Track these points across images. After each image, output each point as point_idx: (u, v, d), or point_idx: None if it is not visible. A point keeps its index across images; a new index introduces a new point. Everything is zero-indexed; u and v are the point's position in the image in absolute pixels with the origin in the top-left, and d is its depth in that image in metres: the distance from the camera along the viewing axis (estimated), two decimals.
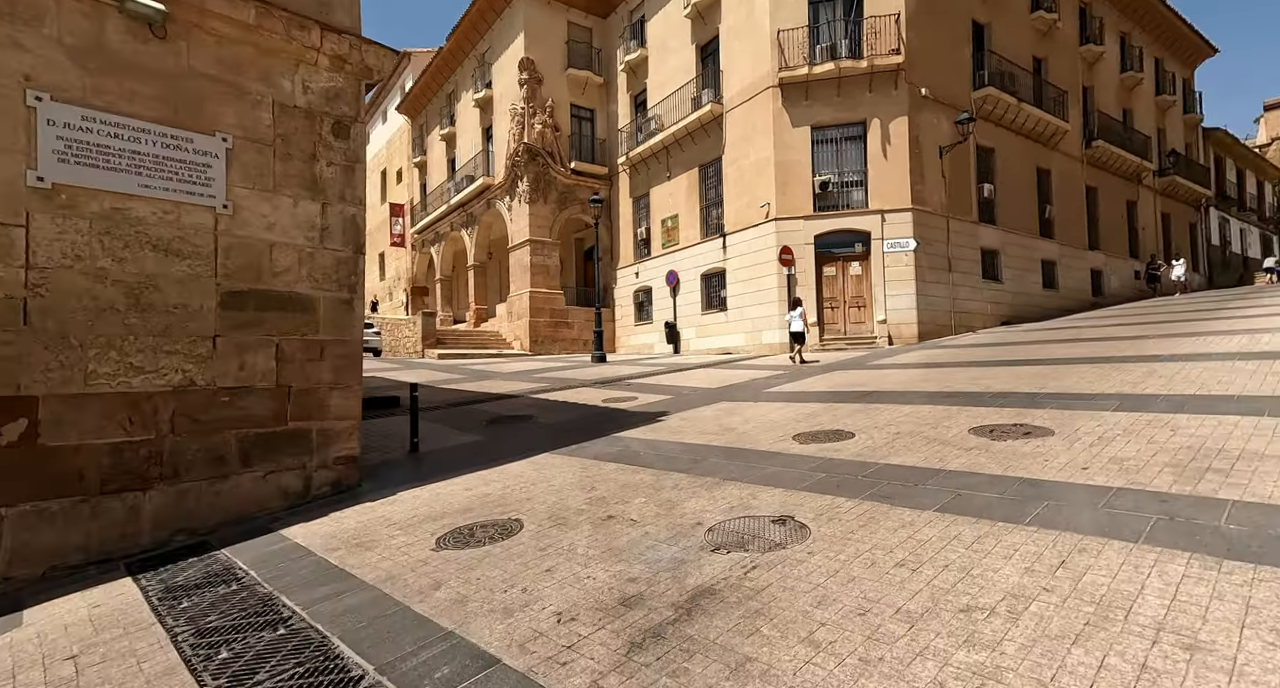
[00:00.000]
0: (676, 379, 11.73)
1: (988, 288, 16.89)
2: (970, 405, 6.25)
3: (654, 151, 20.22)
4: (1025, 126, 18.17)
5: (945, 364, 9.92)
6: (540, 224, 21.32)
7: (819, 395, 8.14)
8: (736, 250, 17.25)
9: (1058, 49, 19.95)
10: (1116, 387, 6.28)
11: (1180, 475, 3.57)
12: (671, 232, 20.01)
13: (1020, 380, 7.36)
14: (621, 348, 22.54)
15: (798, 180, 15.90)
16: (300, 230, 5.07)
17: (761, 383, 10.13)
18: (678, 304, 19.60)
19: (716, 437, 6.25)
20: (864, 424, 6.01)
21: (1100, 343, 10.10)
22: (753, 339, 16.75)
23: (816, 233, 15.78)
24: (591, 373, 13.59)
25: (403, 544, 3.93)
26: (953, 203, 16.20)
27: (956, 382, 7.88)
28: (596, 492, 4.69)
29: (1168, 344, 8.85)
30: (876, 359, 12.05)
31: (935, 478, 4.08)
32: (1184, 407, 5.11)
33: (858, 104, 15.48)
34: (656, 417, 7.81)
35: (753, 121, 16.59)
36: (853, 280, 15.88)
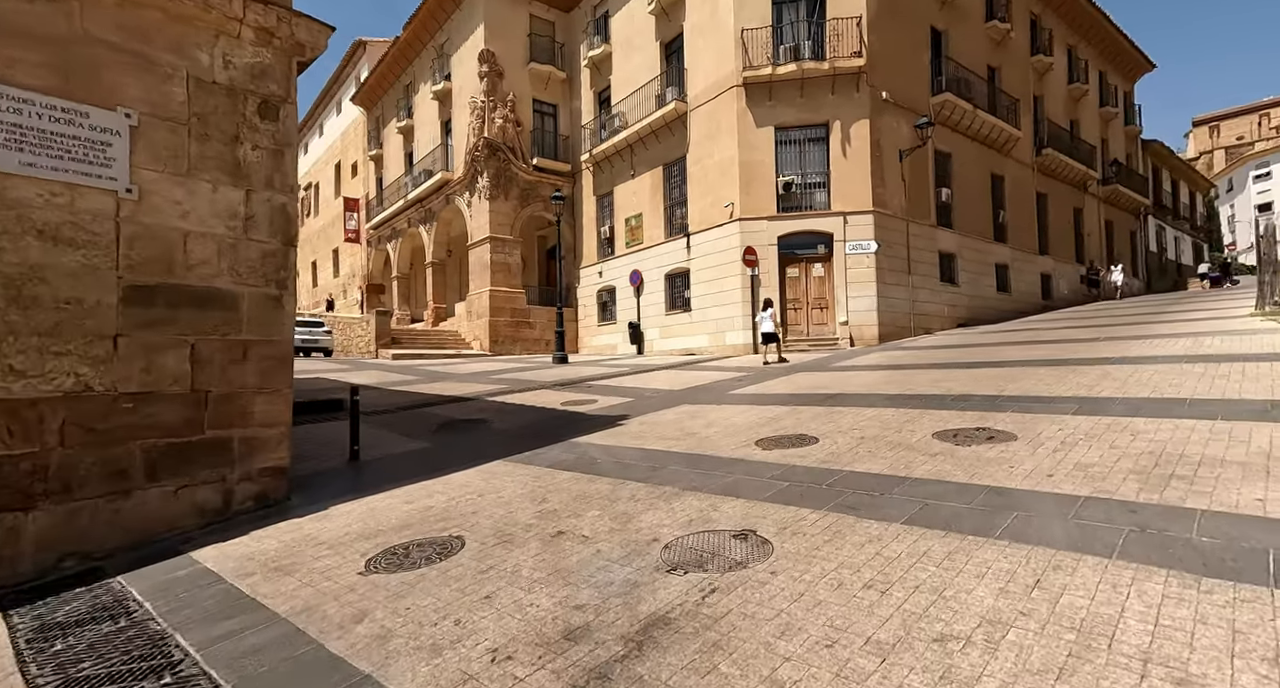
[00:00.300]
0: (639, 381, 11.48)
1: (945, 291, 17.21)
2: (932, 409, 6.18)
3: (618, 149, 19.93)
4: (980, 133, 18.62)
5: (906, 366, 9.95)
6: (501, 221, 20.77)
7: (782, 398, 8.00)
8: (700, 250, 17.12)
9: (1011, 58, 20.54)
10: (1074, 389, 6.31)
11: (1146, 483, 3.49)
12: (635, 231, 19.76)
13: (980, 383, 7.37)
14: (584, 348, 22.18)
15: (761, 181, 15.86)
16: (220, 219, 4.59)
17: (725, 385, 9.97)
18: (641, 304, 19.36)
19: (677, 442, 6.01)
20: (827, 428, 5.86)
21: (1054, 345, 10.31)
22: (716, 340, 16.64)
23: (780, 234, 15.77)
24: (552, 374, 13.22)
25: (328, 567, 3.54)
26: (912, 206, 16.44)
27: (918, 384, 7.86)
28: (548, 504, 4.38)
29: (1118, 347, 9.06)
30: (839, 361, 12.05)
31: (901, 487, 3.92)
32: (1140, 410, 5.11)
33: (820, 105, 15.54)
34: (616, 421, 7.53)
35: (717, 121, 16.48)
36: (815, 282, 15.94)
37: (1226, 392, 5.43)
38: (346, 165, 33.71)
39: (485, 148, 20.18)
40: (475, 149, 20.48)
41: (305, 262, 39.63)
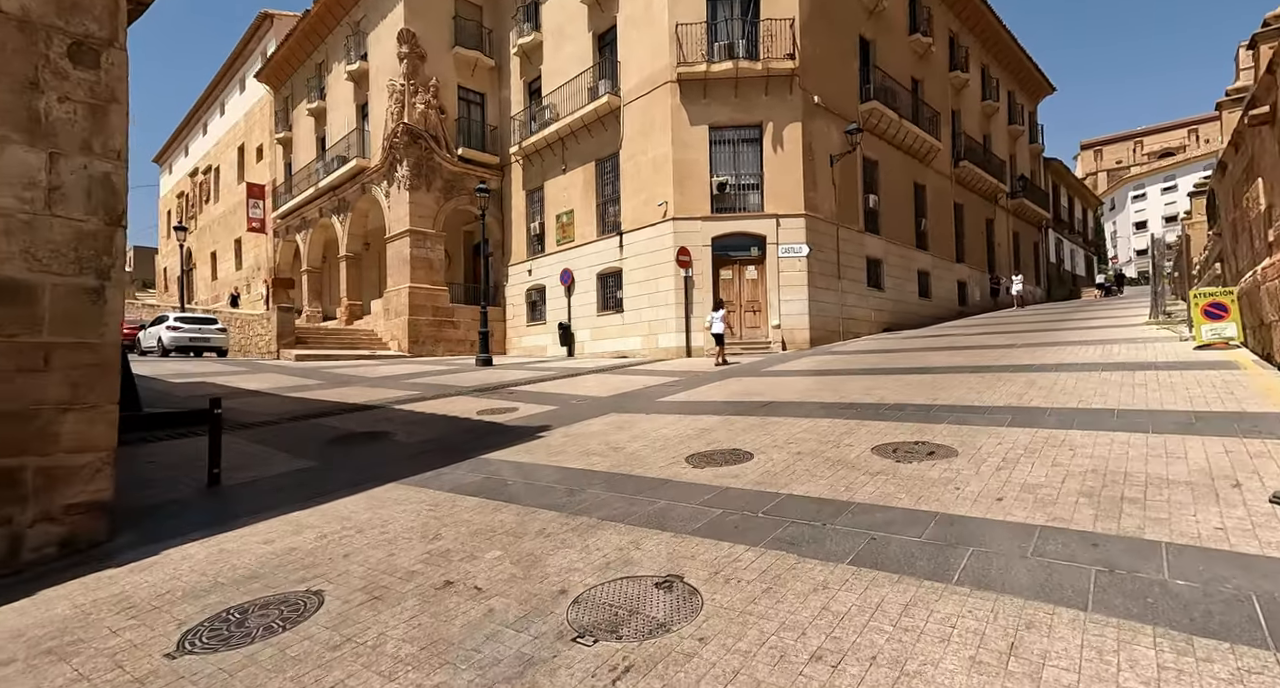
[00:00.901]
0: (566, 386, 10.81)
1: (872, 295, 17.56)
2: (869, 419, 5.91)
3: (549, 142, 19.12)
4: (905, 143, 19.19)
5: (839, 372, 9.82)
6: (422, 213, 19.45)
7: (715, 406, 7.58)
8: (633, 250, 16.62)
9: (932, 72, 21.35)
10: (1004, 399, 6.22)
11: (1099, 508, 3.23)
12: (567, 228, 19.02)
13: (913, 390, 7.23)
14: (513, 350, 21.20)
15: (696, 180, 15.55)
16: (9, 188, 3.57)
17: (656, 391, 9.48)
18: (572, 305, 18.65)
19: (601, 458, 5.42)
20: (763, 442, 5.44)
21: (976, 352, 10.49)
22: (649, 343, 16.19)
23: (714, 234, 15.52)
24: (473, 378, 12.29)
25: (125, 646, 2.69)
26: (842, 211, 16.64)
27: (852, 391, 7.65)
28: (441, 541, 3.68)
29: (1036, 353, 9.27)
30: (772, 365, 11.86)
31: (845, 514, 3.50)
32: (1073, 422, 5.00)
33: (754, 106, 15.41)
34: (536, 433, 6.84)
35: (651, 117, 16.04)
36: (748, 284, 15.80)
37: (1149, 402, 5.43)
38: (251, 148, 30.89)
39: (405, 134, 18.81)
40: (394, 135, 19.06)
41: (204, 252, 36.12)
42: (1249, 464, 3.66)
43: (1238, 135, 7.77)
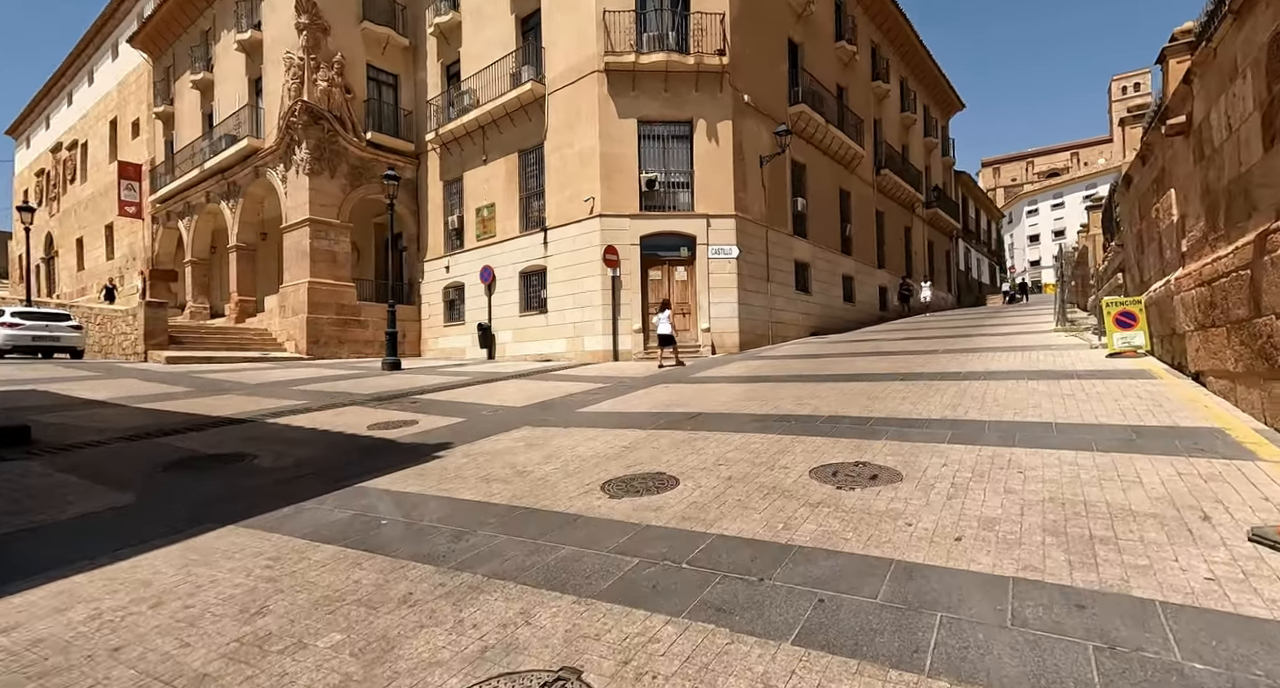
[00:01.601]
0: (480, 393, 9.82)
1: (800, 299, 17.57)
2: (804, 434, 5.42)
3: (468, 130, 17.88)
4: (831, 148, 19.41)
5: (770, 378, 9.42)
6: (325, 202, 17.67)
7: (640, 418, 6.91)
8: (559, 247, 15.75)
9: (856, 80, 21.81)
10: (940, 410, 5.92)
11: (1071, 552, 2.78)
12: (488, 222, 17.85)
13: (846, 400, 6.86)
14: (429, 352, 19.75)
15: (624, 176, 14.90)
16: None
17: (578, 399, 8.71)
18: (493, 304, 17.51)
19: (504, 486, 4.60)
20: (690, 463, 4.81)
21: (903, 357, 10.42)
22: (575, 346, 15.37)
23: (643, 233, 14.92)
24: (375, 385, 11.03)
25: None
26: (771, 213, 16.51)
27: (784, 401, 7.20)
28: (265, 620, 2.75)
29: (961, 360, 9.24)
30: (701, 371, 11.37)
31: (786, 564, 2.89)
32: (1015, 439, 4.68)
33: (684, 102, 14.94)
34: (433, 452, 5.91)
35: (577, 107, 15.23)
36: (678, 285, 15.32)
37: (1084, 414, 5.25)
38: (125, 123, 27.35)
39: (304, 113, 16.99)
40: (292, 114, 17.18)
41: (68, 239, 31.76)
42: (1207, 491, 3.37)
43: (1146, 148, 7.97)
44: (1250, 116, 4.71)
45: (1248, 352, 4.67)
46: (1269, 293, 4.24)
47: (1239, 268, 4.74)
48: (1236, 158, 5.02)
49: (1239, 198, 5.02)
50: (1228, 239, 5.27)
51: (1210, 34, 5.34)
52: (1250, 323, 4.59)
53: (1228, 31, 5.03)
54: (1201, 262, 5.76)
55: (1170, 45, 7.47)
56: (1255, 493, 3.28)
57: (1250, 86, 4.68)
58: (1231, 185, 5.16)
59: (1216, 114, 5.43)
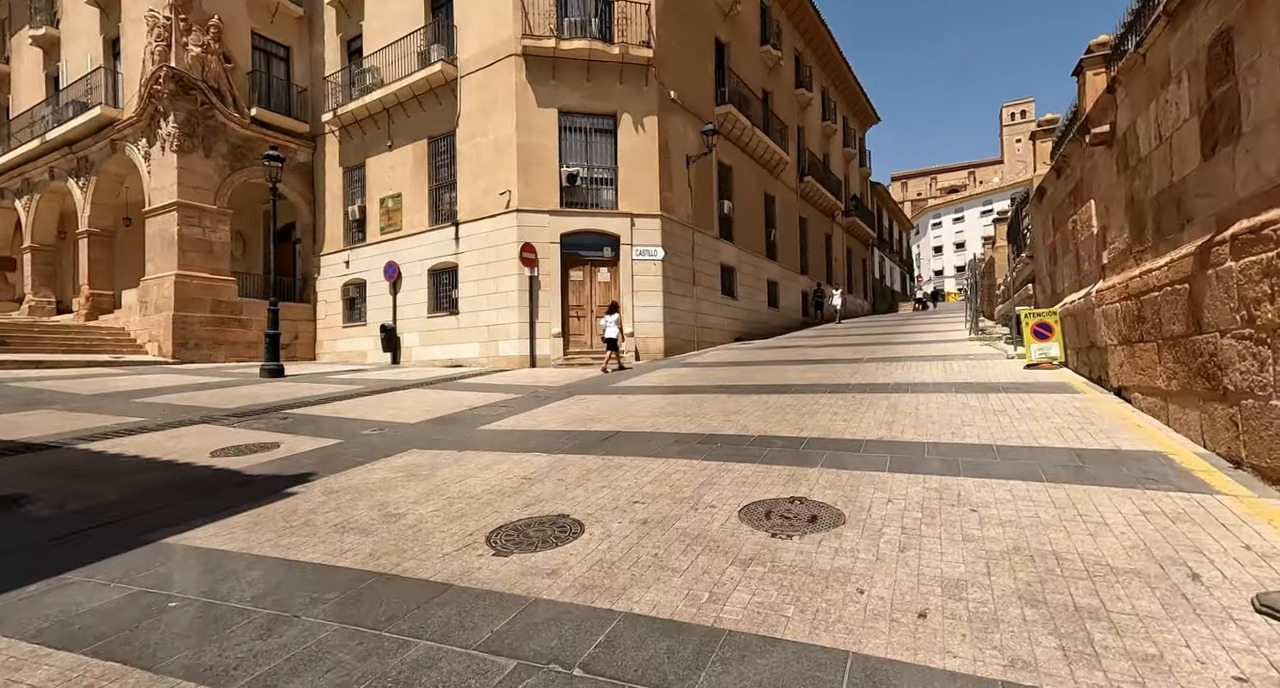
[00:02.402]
0: (370, 406, 8.57)
1: (726, 304, 17.25)
2: (733, 459, 4.76)
3: (372, 113, 16.25)
4: (757, 152, 19.29)
5: (695, 389, 8.80)
6: (198, 184, 15.47)
7: (549, 439, 6.04)
8: (472, 243, 14.53)
9: (781, 86, 21.91)
10: (874, 428, 5.45)
11: (1062, 636, 2.21)
12: (393, 214, 16.29)
13: (775, 416, 6.30)
14: (325, 355, 17.84)
15: (544, 169, 13.92)
16: None
17: (483, 414, 7.70)
18: (399, 303, 15.99)
19: (361, 539, 3.62)
20: (600, 500, 4.01)
21: (829, 366, 10.13)
22: (489, 350, 14.21)
23: (564, 231, 14.00)
24: (243, 396, 9.46)
25: None
26: (698, 215, 16.06)
27: (710, 416, 6.56)
28: None
29: (886, 370, 9.01)
30: (623, 378, 10.62)
31: (713, 662, 2.16)
32: (959, 466, 4.23)
33: (609, 94, 14.18)
34: (285, 488, 4.77)
35: (493, 93, 14.10)
36: (601, 287, 14.51)
37: (1021, 435, 4.91)
38: None
39: (172, 81, 14.76)
40: (156, 81, 14.88)
41: None
42: (1181, 536, 2.95)
43: (1062, 160, 8.01)
44: (1185, 123, 4.52)
45: (1183, 370, 4.47)
46: (1211, 309, 4.00)
47: (1174, 282, 4.54)
48: (1168, 167, 4.86)
49: (1170, 209, 4.85)
50: (1156, 252, 5.13)
51: (1141, 38, 5.18)
52: (1187, 340, 4.37)
53: (1160, 35, 4.86)
54: (1127, 274, 5.64)
55: (1087, 57, 7.50)
56: (1232, 539, 2.89)
57: (1186, 91, 4.48)
58: (1161, 196, 5.00)
59: (1144, 123, 5.30)
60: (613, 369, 11.91)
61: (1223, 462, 3.92)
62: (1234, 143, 3.85)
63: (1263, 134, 3.54)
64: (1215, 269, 3.90)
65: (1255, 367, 3.52)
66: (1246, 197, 3.71)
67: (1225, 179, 3.97)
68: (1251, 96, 3.64)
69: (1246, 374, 3.61)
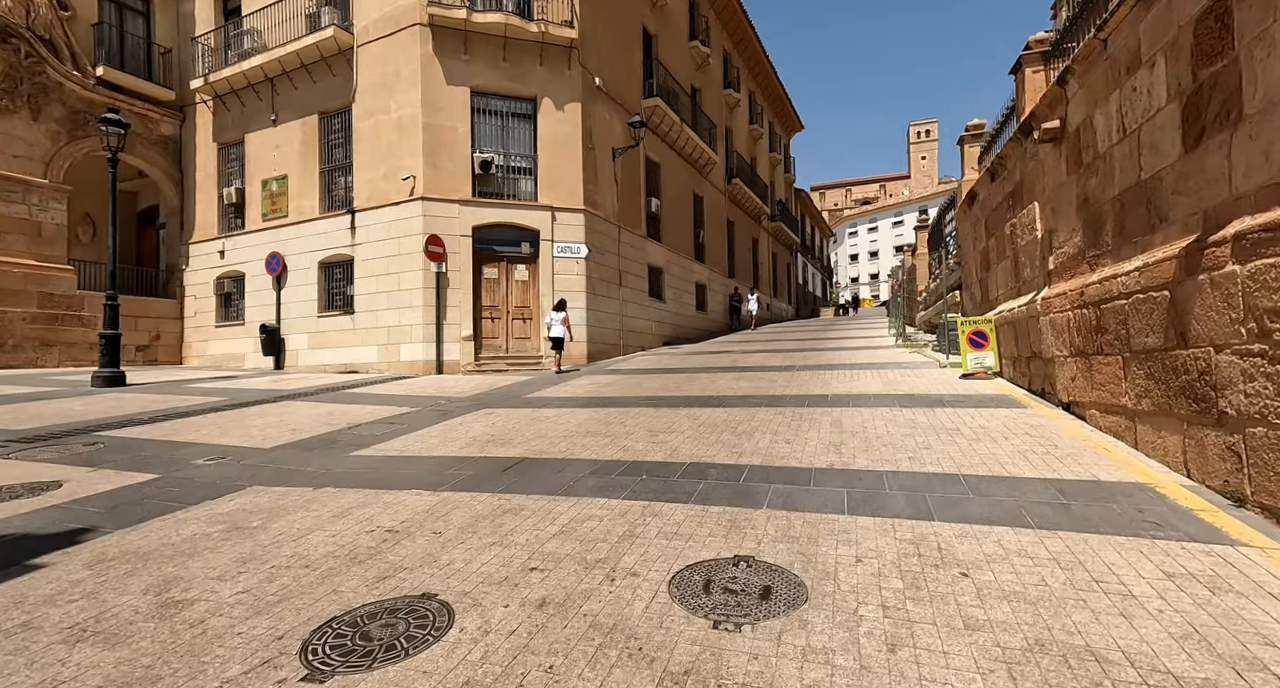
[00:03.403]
0: (221, 425, 6.98)
1: (654, 306, 16.44)
2: (661, 498, 3.83)
3: (252, 82, 14.17)
4: (685, 150, 18.66)
5: (619, 401, 7.83)
6: (19, 152, 12.83)
7: (438, 468, 4.88)
8: (371, 234, 12.87)
9: (709, 84, 21.46)
10: (822, 452, 4.70)
11: None
12: (278, 199, 14.27)
13: (709, 436, 5.44)
14: (195, 359, 15.44)
15: (453, 153, 12.52)
16: None
17: (363, 434, 6.37)
18: (283, 300, 14.00)
19: (98, 654, 2.38)
20: (483, 570, 2.95)
21: (761, 374, 9.47)
22: (389, 354, 12.61)
23: (476, 224, 12.65)
24: (50, 412, 7.52)
25: None
26: (625, 212, 15.14)
27: (635, 436, 5.60)
28: None
29: (822, 380, 8.44)
30: (541, 389, 9.49)
31: None
32: (928, 505, 3.51)
33: (528, 76, 12.99)
34: (29, 558, 3.40)
35: (395, 66, 12.54)
36: (518, 287, 13.27)
37: (985, 460, 4.30)
38: None
39: None
40: None
41: None
42: (1237, 619, 2.28)
43: (998, 163, 7.73)
44: (1160, 112, 4.05)
45: (1159, 388, 3.98)
46: (1202, 320, 3.49)
47: (1149, 288, 4.06)
48: (1134, 163, 4.42)
49: (1137, 208, 4.41)
50: (1118, 256, 4.70)
51: (1103, 22, 4.75)
52: (1166, 354, 3.88)
53: (1126, 16, 4.42)
54: (1080, 280, 5.24)
55: (1026, 54, 7.20)
56: None
57: (1162, 75, 4.01)
58: (1126, 195, 4.57)
59: (1104, 116, 4.88)
60: (558, 372, 11.38)
61: (1219, 498, 3.40)
62: (1230, 129, 3.34)
63: (1276, 115, 3.02)
64: (1210, 274, 3.38)
65: (1269, 389, 2.98)
66: (1250, 191, 3.20)
67: (1216, 172, 3.47)
68: (1259, 72, 3.12)
69: (1255, 398, 3.08)
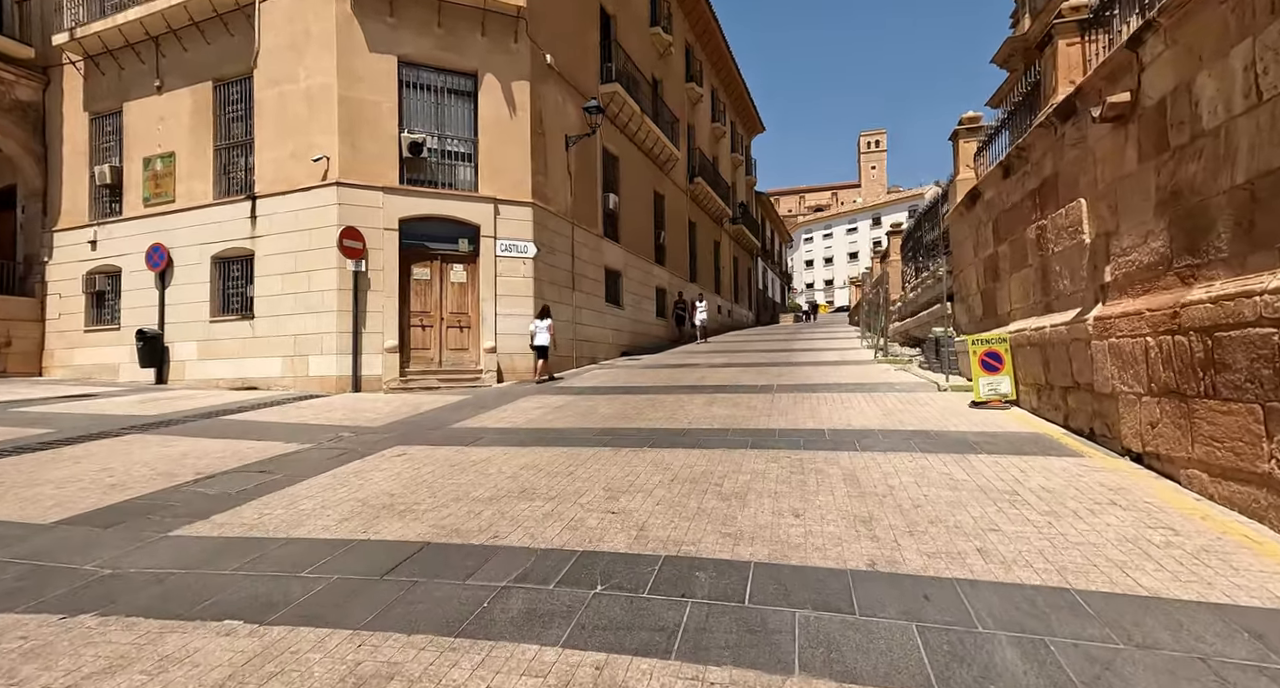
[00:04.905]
0: (2, 479, 5.01)
1: (610, 313, 14.90)
2: (628, 649, 2.24)
3: (131, 41, 11.89)
4: (646, 144, 17.23)
5: (568, 435, 6.24)
6: None
7: (292, 562, 3.17)
8: (275, 224, 10.85)
9: (671, 75, 20.12)
10: (850, 537, 3.25)
11: None
12: (163, 180, 12.01)
13: (689, 503, 3.92)
14: (58, 369, 12.92)
15: (376, 131, 10.66)
16: None
17: (214, 490, 4.58)
18: (168, 301, 11.76)
19: None
20: None
21: (736, 397, 8.05)
22: (295, 368, 10.60)
23: (405, 215, 10.82)
24: None
25: None
26: (579, 207, 13.56)
27: (588, 502, 4.03)
28: None
29: (810, 407, 7.09)
30: (475, 414, 7.79)
31: None
32: (1063, 671, 2.08)
33: (467, 47, 11.26)
34: None
35: (305, 25, 10.60)
36: (454, 290, 11.48)
37: (1092, 558, 2.94)
38: None
39: None
40: None
41: None
42: None
43: (1018, 155, 6.58)
44: None
45: None
46: None
47: None
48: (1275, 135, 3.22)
49: None
50: (1239, 266, 3.49)
51: None
52: None
53: None
54: (1169, 296, 4.03)
55: (1060, 22, 6.04)
56: None
57: None
58: (1261, 183, 3.36)
59: (1213, 80, 3.67)
60: (542, 381, 10.71)
61: None
62: None
63: None
64: None
65: None
66: None
67: None
68: None
69: None
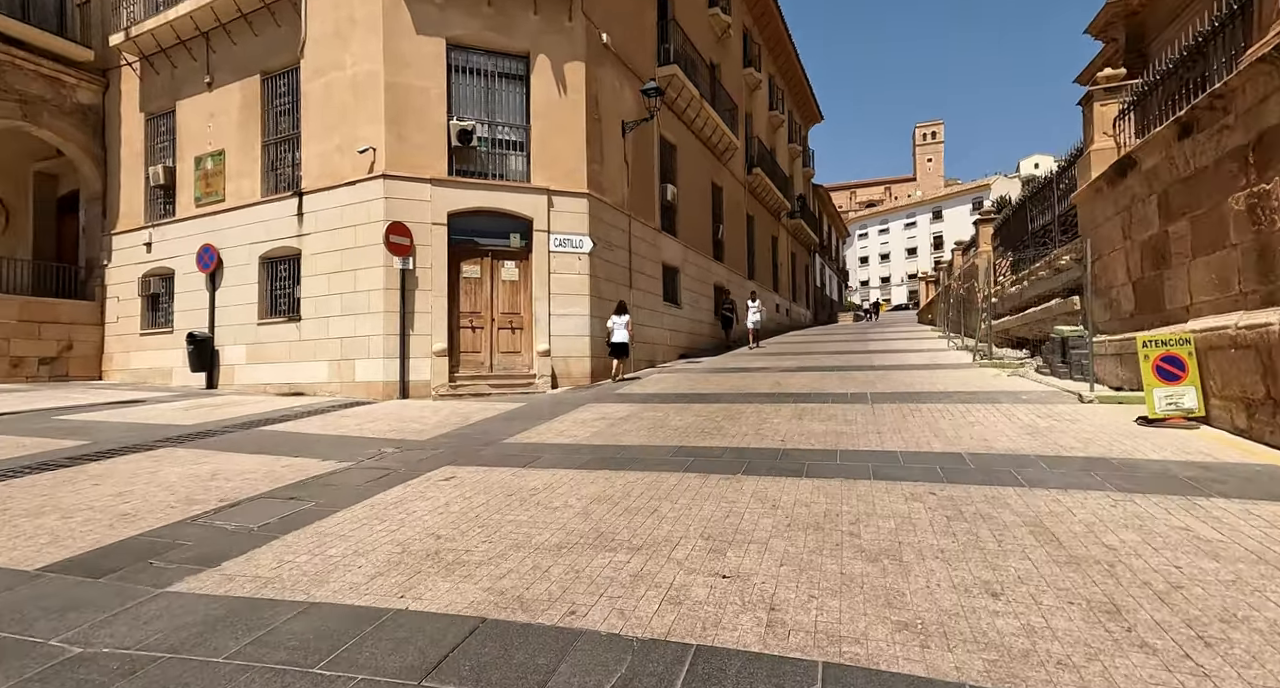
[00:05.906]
0: (3, 508, 4.40)
1: (668, 312, 13.89)
2: None
3: (183, 37, 11.67)
4: (704, 132, 16.15)
5: (641, 456, 5.23)
6: None
7: (301, 649, 2.24)
8: (320, 221, 10.34)
9: (729, 60, 18.97)
10: (1099, 630, 2.10)
11: None
12: (213, 179, 11.74)
13: (823, 559, 2.83)
14: (116, 373, 12.88)
15: (424, 120, 9.99)
16: None
17: (234, 524, 3.81)
18: (218, 303, 11.46)
19: None
20: None
21: (827, 407, 6.87)
22: (342, 373, 10.04)
23: (454, 209, 10.13)
24: None
25: None
26: (636, 199, 12.61)
27: (686, 558, 2.98)
28: None
29: (922, 417, 5.87)
30: (529, 429, 6.90)
31: None
32: None
33: (517, 27, 10.47)
34: None
35: (350, 10, 10.04)
36: (506, 288, 10.71)
37: None
38: None
39: None
40: None
41: None
42: None
43: (1208, 107, 5.19)
44: None
45: None
46: None
47: None
48: None
49: None
50: None
51: None
52: None
53: None
54: None
55: None
56: None
57: None
58: None
59: None
60: (620, 379, 10.54)
61: None
62: None
63: None
64: None
65: None
66: None
67: None
68: None
69: None
